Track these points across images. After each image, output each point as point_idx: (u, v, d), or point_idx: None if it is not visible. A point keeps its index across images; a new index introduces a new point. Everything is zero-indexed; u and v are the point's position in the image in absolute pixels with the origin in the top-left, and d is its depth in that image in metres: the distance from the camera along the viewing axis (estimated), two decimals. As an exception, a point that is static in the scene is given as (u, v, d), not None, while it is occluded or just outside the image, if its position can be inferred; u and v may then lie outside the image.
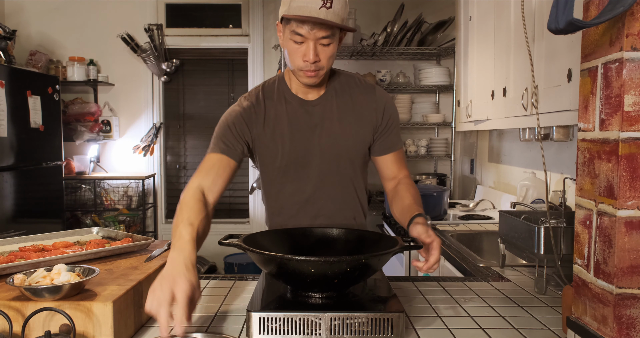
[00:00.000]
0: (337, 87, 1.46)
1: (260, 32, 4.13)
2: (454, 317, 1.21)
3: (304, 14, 1.21)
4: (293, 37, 1.27)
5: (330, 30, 1.25)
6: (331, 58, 1.31)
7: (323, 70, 1.32)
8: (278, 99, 1.43)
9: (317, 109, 1.42)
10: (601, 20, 0.81)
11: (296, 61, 1.30)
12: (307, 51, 1.27)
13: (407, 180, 1.48)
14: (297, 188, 1.46)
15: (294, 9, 1.23)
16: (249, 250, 1.08)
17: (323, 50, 1.28)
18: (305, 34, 1.25)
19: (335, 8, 1.22)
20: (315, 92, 1.43)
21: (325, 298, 1.11)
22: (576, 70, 1.52)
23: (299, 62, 1.29)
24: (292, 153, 1.41)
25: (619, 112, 0.83)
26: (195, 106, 4.29)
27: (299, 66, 1.30)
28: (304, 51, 1.27)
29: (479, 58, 2.57)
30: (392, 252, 1.11)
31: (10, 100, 3.08)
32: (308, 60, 1.27)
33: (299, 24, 1.24)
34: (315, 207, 1.47)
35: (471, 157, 3.79)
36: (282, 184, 1.46)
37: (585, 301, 0.94)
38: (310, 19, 1.21)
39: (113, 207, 4.09)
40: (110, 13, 4.09)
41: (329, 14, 1.22)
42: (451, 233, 2.35)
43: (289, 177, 1.45)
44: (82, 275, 1.05)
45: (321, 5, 1.21)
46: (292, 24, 1.25)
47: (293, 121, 1.41)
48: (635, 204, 0.83)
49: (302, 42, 1.27)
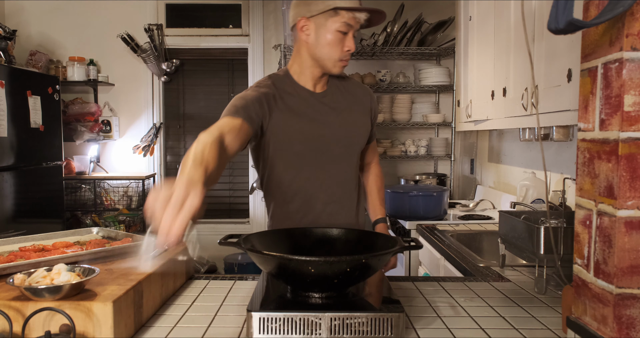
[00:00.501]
0: (337, 82, 1.59)
1: (260, 32, 4.13)
2: (454, 317, 1.21)
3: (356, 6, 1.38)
4: (342, 28, 1.38)
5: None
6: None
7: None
8: (290, 89, 1.51)
9: (327, 100, 1.54)
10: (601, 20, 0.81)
11: (337, 52, 1.42)
12: (350, 41, 1.40)
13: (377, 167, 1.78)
14: (312, 173, 1.53)
15: (346, 2, 1.37)
16: (248, 250, 1.08)
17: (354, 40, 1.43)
18: (354, 24, 1.39)
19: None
20: (320, 85, 1.54)
21: (325, 298, 1.11)
22: (576, 70, 1.52)
23: (340, 52, 1.42)
24: (310, 139, 1.50)
25: (619, 112, 0.83)
26: (195, 106, 4.29)
27: (340, 56, 1.42)
28: (347, 41, 1.40)
29: (479, 58, 2.57)
30: (392, 252, 1.11)
31: (11, 100, 3.08)
32: (350, 49, 1.41)
33: (353, 14, 1.38)
34: (328, 193, 1.55)
35: (471, 157, 3.79)
36: (299, 169, 1.52)
37: (585, 301, 0.94)
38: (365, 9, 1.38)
39: (113, 207, 4.09)
40: (110, 13, 4.09)
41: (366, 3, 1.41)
42: (451, 233, 2.35)
43: (305, 161, 1.51)
44: (82, 275, 1.05)
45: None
46: (341, 14, 1.37)
47: (307, 110, 1.50)
48: (635, 204, 0.83)
49: (346, 33, 1.39)
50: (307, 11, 1.40)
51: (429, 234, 2.33)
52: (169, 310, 1.23)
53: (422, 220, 2.66)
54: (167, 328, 1.12)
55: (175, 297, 1.33)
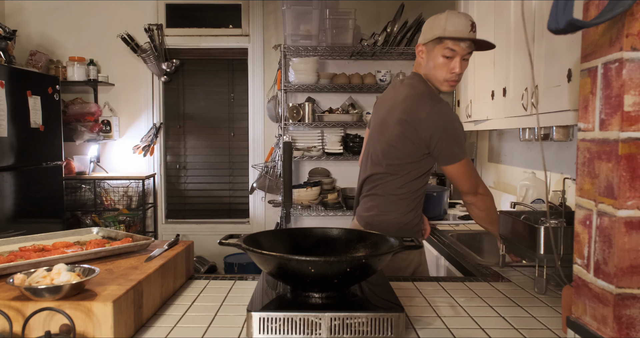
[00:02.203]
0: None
1: (260, 32, 4.13)
2: (454, 317, 1.21)
3: (462, 36, 1.59)
4: (446, 53, 1.62)
5: (472, 48, 1.64)
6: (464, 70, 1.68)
7: (459, 81, 1.70)
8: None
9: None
10: (601, 20, 0.81)
11: (442, 74, 1.66)
12: (456, 65, 1.63)
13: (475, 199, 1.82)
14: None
15: (452, 32, 1.59)
16: (249, 250, 1.08)
17: (463, 64, 1.66)
18: (458, 50, 1.61)
19: (476, 33, 1.64)
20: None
21: (325, 298, 1.11)
22: (576, 70, 1.52)
23: (445, 74, 1.65)
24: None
25: (619, 112, 0.83)
26: (195, 106, 4.29)
27: (445, 77, 1.66)
28: (453, 65, 1.63)
29: (479, 58, 2.57)
30: (392, 252, 1.11)
31: (11, 100, 3.08)
32: (456, 72, 1.63)
33: (455, 43, 1.60)
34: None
35: (471, 157, 3.79)
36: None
37: (585, 301, 0.94)
38: (467, 39, 1.60)
39: (113, 207, 4.09)
40: (110, 13, 4.09)
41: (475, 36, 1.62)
42: (451, 233, 2.35)
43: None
44: (82, 275, 1.05)
45: (470, 29, 1.61)
46: (446, 42, 1.61)
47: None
48: (635, 204, 0.83)
49: (451, 58, 1.62)
50: (423, 39, 1.69)
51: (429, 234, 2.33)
52: (169, 310, 1.23)
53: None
54: (167, 328, 1.12)
55: (175, 297, 1.33)
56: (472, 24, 1.62)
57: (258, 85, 4.17)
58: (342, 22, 3.71)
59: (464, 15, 1.62)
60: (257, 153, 4.19)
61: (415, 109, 1.64)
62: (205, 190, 4.35)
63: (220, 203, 4.35)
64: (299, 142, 3.92)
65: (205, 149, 4.32)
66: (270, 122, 4.11)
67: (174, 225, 4.28)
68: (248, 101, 4.20)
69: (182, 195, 4.35)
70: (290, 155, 3.65)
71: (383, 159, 1.72)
